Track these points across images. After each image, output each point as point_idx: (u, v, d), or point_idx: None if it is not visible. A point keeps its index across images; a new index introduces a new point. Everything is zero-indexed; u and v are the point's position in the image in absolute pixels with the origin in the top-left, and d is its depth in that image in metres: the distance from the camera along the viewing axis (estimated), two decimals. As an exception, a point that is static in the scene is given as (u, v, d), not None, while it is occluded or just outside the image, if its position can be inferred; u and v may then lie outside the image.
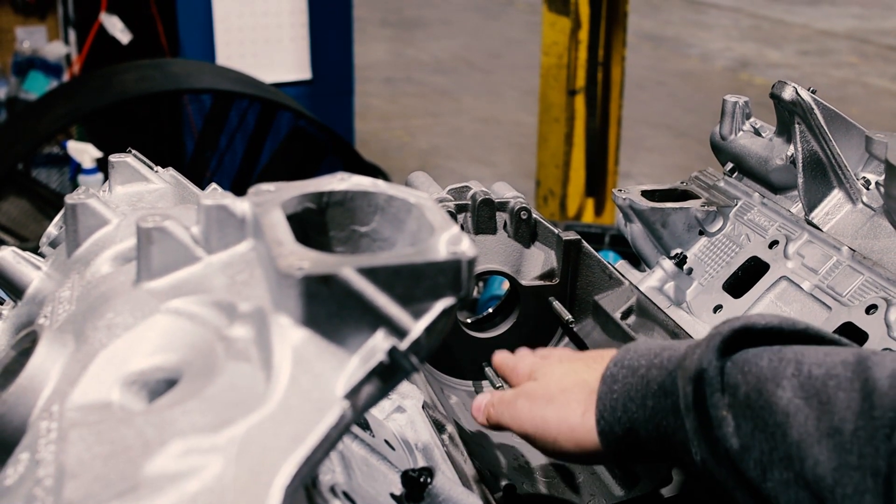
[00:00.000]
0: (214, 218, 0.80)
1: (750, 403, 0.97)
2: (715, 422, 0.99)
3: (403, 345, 0.70)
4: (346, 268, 0.68)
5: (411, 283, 0.71)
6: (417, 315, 0.71)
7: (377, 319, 0.70)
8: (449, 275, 0.71)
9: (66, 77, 6.40)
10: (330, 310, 0.69)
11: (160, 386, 0.73)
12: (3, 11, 6.47)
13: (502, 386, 1.60)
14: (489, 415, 1.23)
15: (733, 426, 0.98)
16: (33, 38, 6.49)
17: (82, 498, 0.61)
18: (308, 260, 0.69)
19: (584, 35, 5.29)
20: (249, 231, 0.80)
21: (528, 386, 1.21)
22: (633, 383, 1.10)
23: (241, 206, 0.80)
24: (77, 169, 4.78)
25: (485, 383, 1.66)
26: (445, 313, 0.72)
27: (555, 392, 1.17)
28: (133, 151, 1.20)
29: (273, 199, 0.79)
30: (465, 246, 0.73)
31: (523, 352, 1.34)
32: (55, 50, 6.40)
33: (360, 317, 0.70)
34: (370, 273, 0.69)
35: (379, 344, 0.70)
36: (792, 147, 1.64)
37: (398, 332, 0.70)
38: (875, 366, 0.91)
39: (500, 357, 1.35)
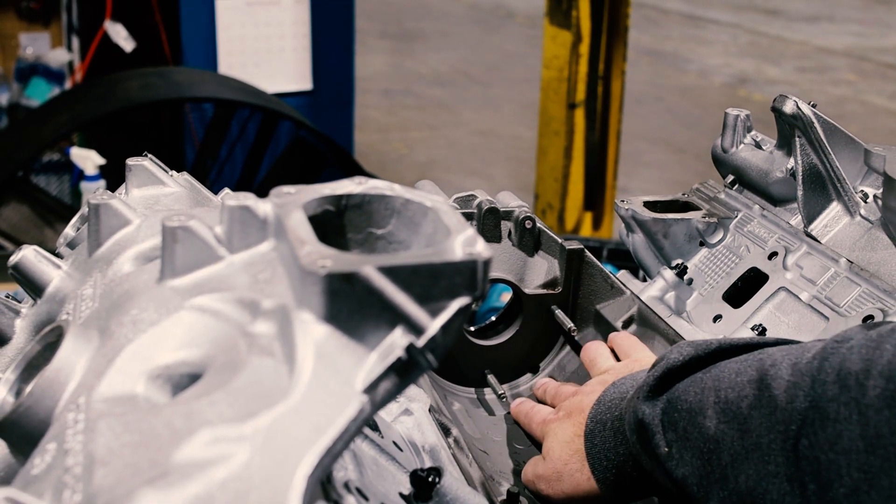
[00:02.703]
0: (237, 218, 0.82)
1: (687, 435, 1.10)
2: (662, 458, 1.13)
3: (421, 342, 0.72)
4: (368, 266, 0.71)
5: (429, 283, 0.73)
6: (434, 313, 0.73)
7: (396, 317, 0.72)
8: (465, 275, 0.74)
9: (68, 84, 6.40)
10: (351, 307, 0.71)
11: (184, 380, 0.75)
12: (7, 17, 6.47)
13: (503, 393, 1.62)
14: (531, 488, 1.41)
15: (677, 458, 1.11)
16: (36, 45, 6.49)
17: (113, 484, 0.62)
18: (331, 258, 0.71)
19: (584, 49, 5.32)
20: (271, 231, 0.82)
21: (539, 468, 1.38)
22: (606, 436, 1.27)
23: (263, 207, 0.82)
24: (79, 176, 4.79)
25: (487, 391, 1.68)
26: (461, 312, 0.74)
27: (560, 468, 1.34)
28: (149, 155, 1.22)
29: (294, 201, 0.81)
30: (481, 247, 0.75)
31: (537, 409, 1.52)
32: (58, 57, 6.40)
33: (380, 314, 0.72)
34: (390, 272, 0.72)
35: (397, 341, 0.72)
36: (792, 160, 1.66)
37: (416, 329, 0.72)
38: (773, 380, 1.01)
39: (517, 409, 1.55)
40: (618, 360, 1.50)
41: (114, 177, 4.52)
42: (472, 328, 1.73)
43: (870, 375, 0.91)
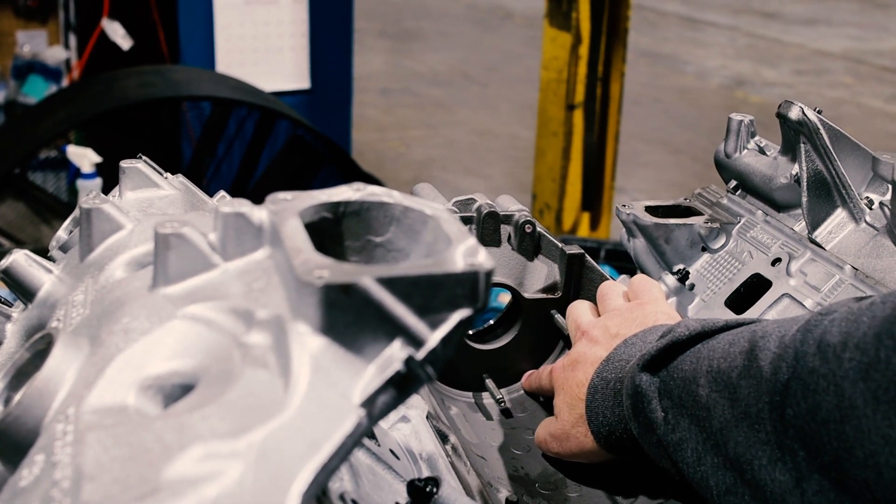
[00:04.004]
0: (232, 225, 0.80)
1: (682, 402, 1.13)
2: (655, 424, 1.16)
3: (420, 354, 0.71)
4: (366, 277, 0.69)
5: (429, 294, 0.71)
6: (434, 325, 0.72)
7: (395, 329, 0.70)
8: (466, 286, 0.72)
9: (65, 82, 6.39)
10: (348, 318, 0.70)
11: (176, 391, 0.73)
12: (5, 15, 6.47)
13: (502, 398, 1.60)
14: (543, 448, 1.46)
15: (672, 423, 1.14)
16: (34, 42, 6.48)
17: (101, 500, 0.61)
18: (328, 269, 0.69)
19: (584, 50, 5.31)
20: (266, 239, 0.80)
21: (551, 427, 1.42)
22: (606, 394, 1.29)
23: (258, 213, 0.80)
24: (76, 173, 4.78)
25: (485, 395, 1.66)
26: (461, 324, 0.72)
27: (569, 430, 1.38)
28: (143, 157, 1.20)
29: (290, 208, 0.79)
30: (482, 258, 0.73)
31: (542, 368, 1.59)
32: (55, 54, 6.39)
33: (378, 326, 0.70)
34: (389, 283, 0.70)
35: (396, 353, 0.70)
36: (796, 166, 1.64)
37: (415, 341, 0.71)
38: (761, 351, 1.04)
39: (527, 382, 1.62)
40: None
41: (110, 175, 4.50)
42: (471, 332, 1.71)
43: (846, 348, 0.93)
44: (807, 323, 1.01)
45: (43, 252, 1.08)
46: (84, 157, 4.44)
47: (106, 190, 1.12)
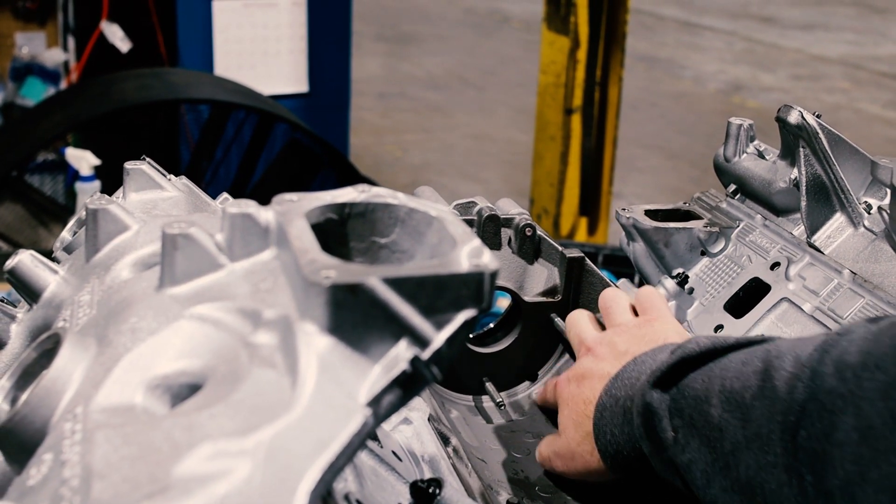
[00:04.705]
0: (239, 226, 0.81)
1: (694, 423, 1.10)
2: (665, 443, 1.14)
3: (426, 354, 0.71)
4: (373, 277, 0.69)
5: (435, 295, 0.72)
6: (440, 326, 0.72)
7: (401, 329, 0.71)
8: (471, 287, 0.73)
9: (63, 84, 6.39)
10: (355, 318, 0.70)
11: (183, 391, 0.73)
12: (3, 17, 6.46)
13: (502, 401, 1.61)
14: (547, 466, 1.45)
15: (683, 444, 1.12)
16: (32, 45, 6.48)
17: (111, 498, 0.61)
18: (335, 269, 0.70)
19: (582, 55, 5.31)
20: (273, 240, 0.81)
21: (555, 446, 1.41)
22: (615, 412, 1.27)
23: (265, 214, 0.81)
24: (74, 176, 4.77)
25: (485, 398, 1.67)
26: (466, 325, 0.73)
27: (574, 448, 1.36)
28: (147, 159, 1.21)
29: (297, 209, 0.80)
30: (487, 259, 0.74)
31: (552, 380, 1.57)
32: (53, 56, 6.39)
33: (384, 326, 0.71)
34: (395, 283, 0.70)
35: (402, 353, 0.71)
36: (795, 170, 1.65)
37: (421, 341, 0.71)
38: (776, 371, 1.02)
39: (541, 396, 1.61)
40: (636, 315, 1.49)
41: (109, 177, 4.51)
42: (471, 335, 1.71)
43: (866, 367, 0.92)
44: (823, 343, 1.00)
45: (42, 254, 1.08)
46: (83, 160, 4.43)
47: (104, 192, 1.13)
